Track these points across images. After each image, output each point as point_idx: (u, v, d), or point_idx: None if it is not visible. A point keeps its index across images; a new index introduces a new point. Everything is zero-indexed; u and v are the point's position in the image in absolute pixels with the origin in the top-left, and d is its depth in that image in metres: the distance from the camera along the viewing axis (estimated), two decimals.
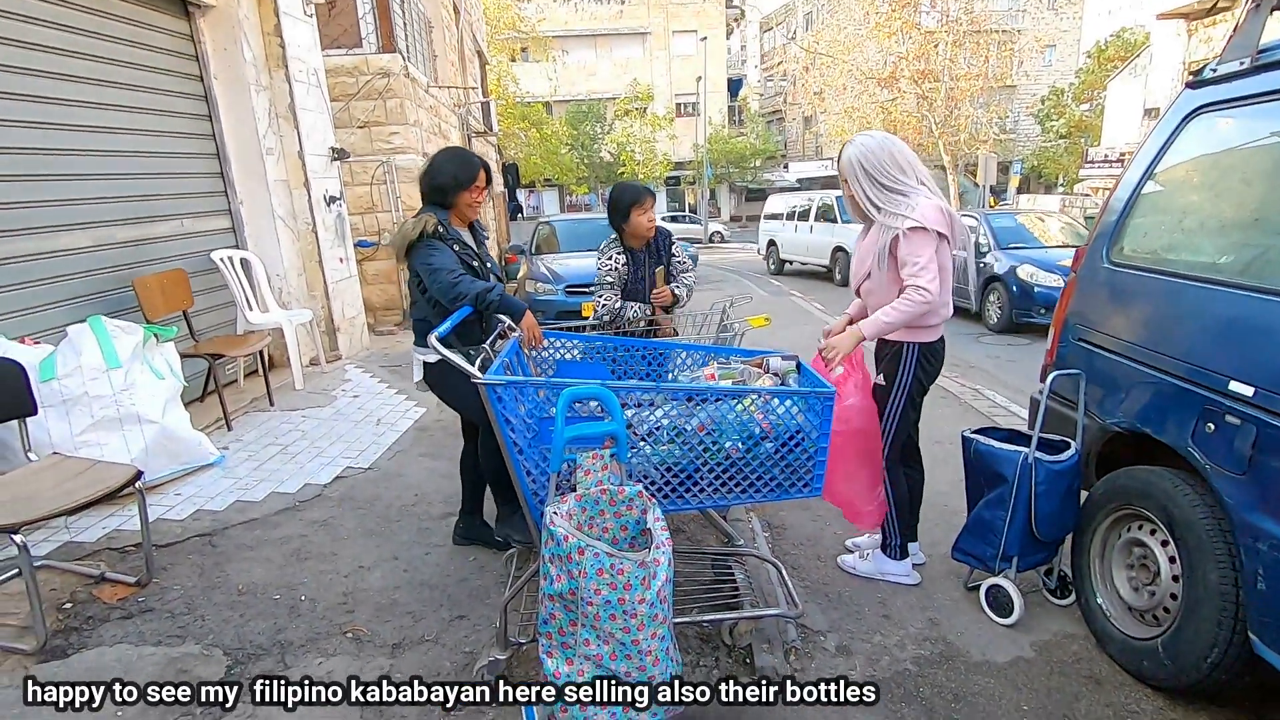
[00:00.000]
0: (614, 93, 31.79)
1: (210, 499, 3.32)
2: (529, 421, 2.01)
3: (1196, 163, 2.40)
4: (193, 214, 4.76)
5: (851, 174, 2.48)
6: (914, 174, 2.46)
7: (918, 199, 2.40)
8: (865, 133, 2.54)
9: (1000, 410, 5.07)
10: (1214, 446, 1.95)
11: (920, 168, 2.49)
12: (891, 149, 2.45)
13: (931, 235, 2.37)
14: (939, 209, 2.39)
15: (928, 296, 2.34)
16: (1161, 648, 2.07)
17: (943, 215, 2.40)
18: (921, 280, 2.34)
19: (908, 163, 2.46)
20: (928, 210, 2.37)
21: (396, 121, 7.83)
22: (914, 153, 2.51)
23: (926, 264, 2.35)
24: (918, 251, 2.36)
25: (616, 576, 1.63)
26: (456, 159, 2.68)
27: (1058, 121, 28.12)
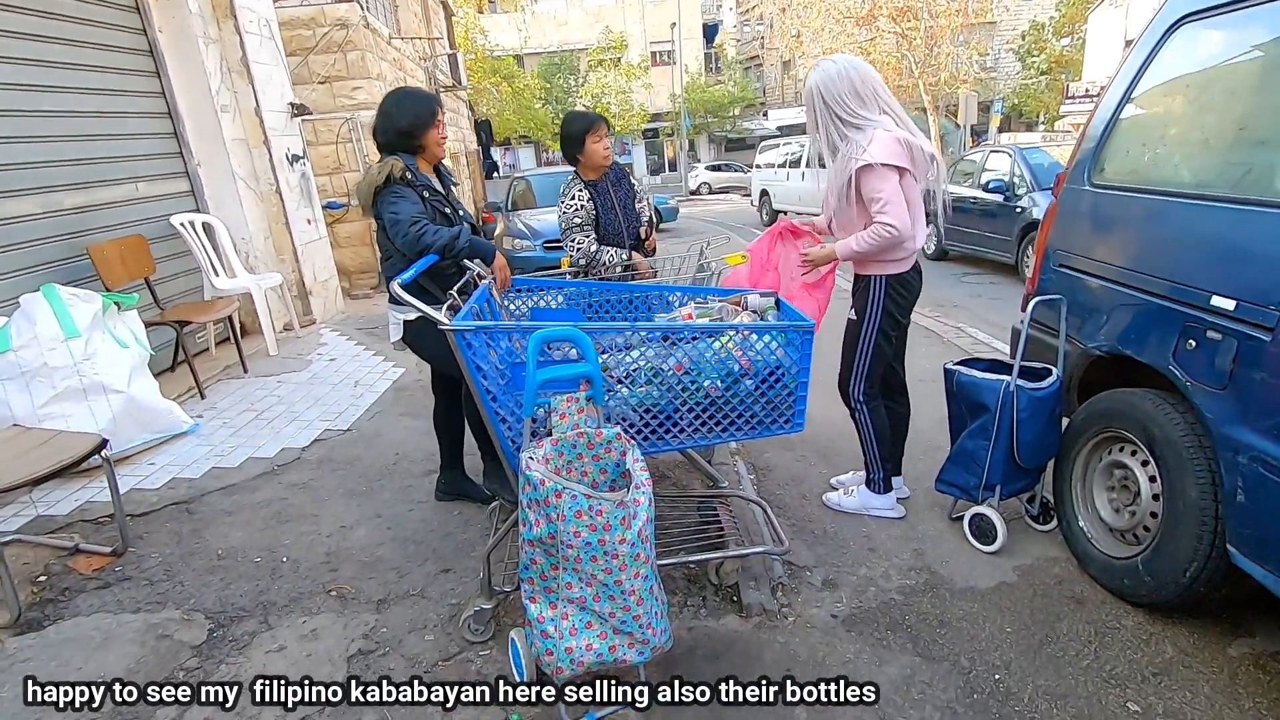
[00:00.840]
0: (587, 43, 30.81)
1: (185, 467, 3.25)
2: (501, 368, 1.95)
3: (1181, 75, 2.32)
4: (147, 177, 4.56)
5: (811, 103, 2.43)
6: (876, 104, 2.39)
7: (874, 132, 2.33)
8: (829, 57, 2.45)
9: (982, 347, 5.09)
10: (1195, 363, 1.94)
11: (885, 95, 2.42)
12: (852, 76, 2.36)
13: (889, 170, 2.32)
14: (895, 140, 2.34)
15: (894, 232, 2.34)
16: (1141, 565, 2.09)
17: (900, 147, 2.34)
18: (886, 216, 2.33)
19: (870, 92, 2.38)
20: (882, 146, 2.31)
21: (359, 75, 7.52)
22: (878, 77, 2.43)
23: (890, 198, 2.33)
24: (878, 188, 2.34)
25: (595, 518, 1.60)
26: (412, 97, 2.54)
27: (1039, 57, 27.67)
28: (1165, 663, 1.95)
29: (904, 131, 2.37)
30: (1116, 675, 1.92)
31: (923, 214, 2.49)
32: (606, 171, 3.10)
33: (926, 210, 2.51)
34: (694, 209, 20.81)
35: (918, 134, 2.42)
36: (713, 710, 1.84)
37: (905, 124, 2.41)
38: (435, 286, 2.36)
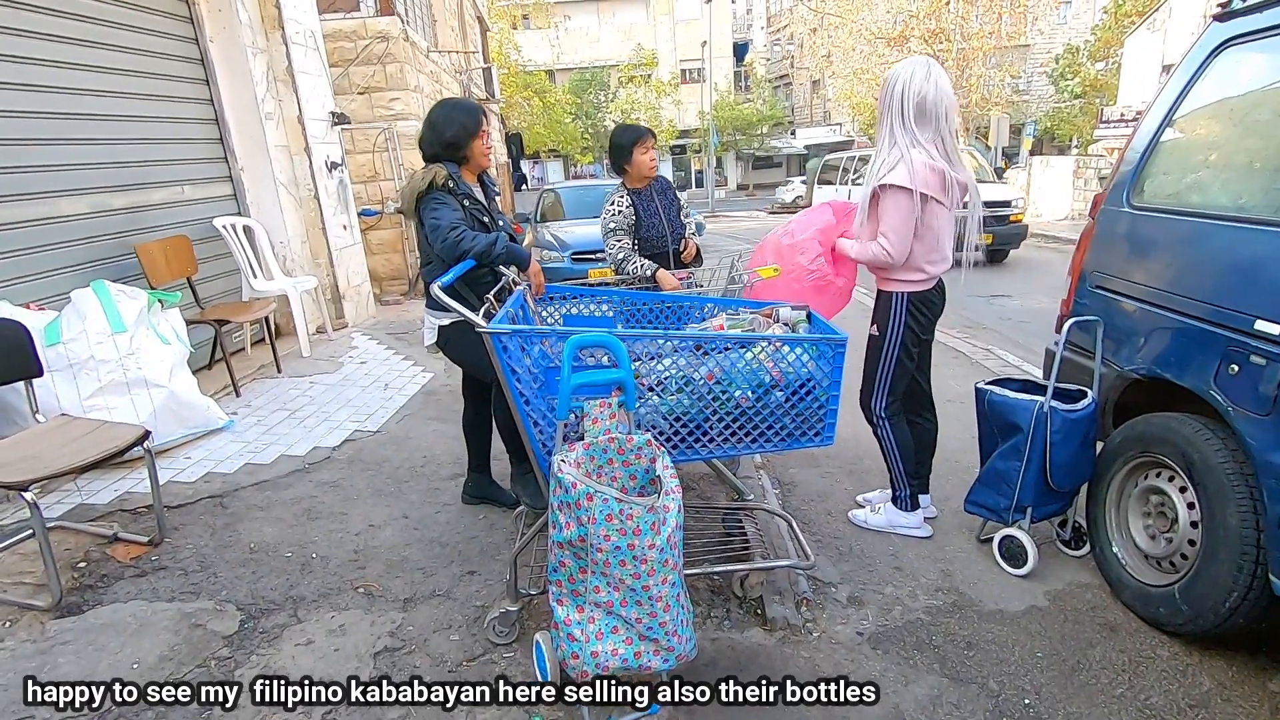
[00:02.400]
0: (617, 59, 31.21)
1: (220, 462, 3.33)
2: (535, 372, 1.98)
3: (1224, 98, 2.30)
4: (193, 180, 4.71)
5: (884, 95, 2.42)
6: (933, 127, 2.36)
7: (911, 154, 2.33)
8: (924, 59, 2.41)
9: (1012, 369, 5.01)
10: (1237, 388, 1.90)
11: (946, 124, 2.37)
12: (928, 92, 2.33)
13: (909, 195, 2.32)
14: (930, 168, 2.33)
15: (884, 257, 2.41)
16: (1178, 593, 2.04)
17: (931, 174, 2.34)
18: (885, 241, 2.39)
19: (934, 114, 2.35)
20: (917, 167, 2.30)
21: (397, 87, 7.70)
22: (954, 104, 2.40)
23: (896, 225, 2.37)
24: (890, 212, 2.37)
25: (626, 522, 1.61)
26: (460, 108, 2.60)
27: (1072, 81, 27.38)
28: (1203, 695, 1.90)
29: (939, 162, 2.35)
30: (1152, 706, 1.87)
31: (949, 241, 2.49)
32: (651, 181, 3.22)
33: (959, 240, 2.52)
34: (720, 225, 20.85)
35: (959, 167, 2.40)
36: (736, 717, 1.83)
37: (947, 153, 2.38)
38: (471, 293, 2.41)
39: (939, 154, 2.37)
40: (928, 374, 2.77)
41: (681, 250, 3.25)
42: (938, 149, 2.38)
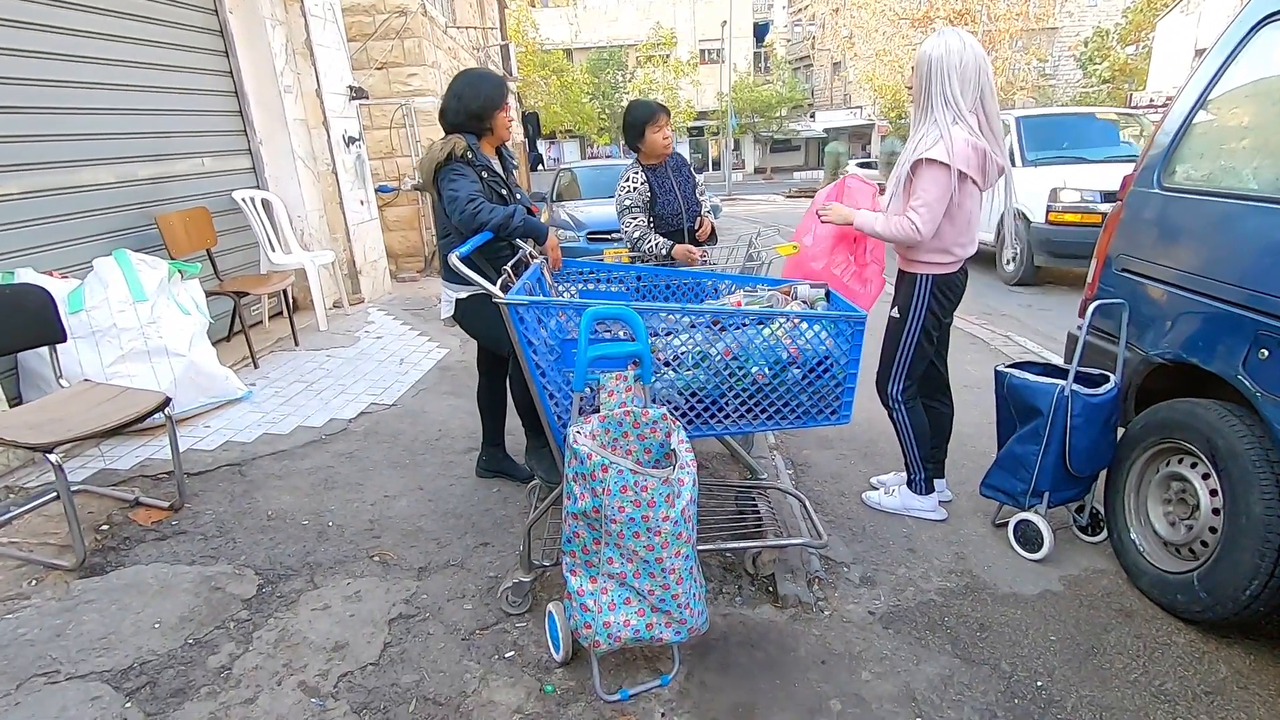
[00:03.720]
0: (636, 39, 30.85)
1: (239, 431, 3.37)
2: (551, 344, 1.98)
3: (1263, 77, 2.23)
4: (213, 153, 4.72)
5: (922, 69, 2.32)
6: (973, 98, 2.29)
7: (952, 130, 2.26)
8: (956, 30, 2.33)
9: (1030, 357, 4.94)
10: (1267, 373, 1.86)
11: (988, 94, 2.31)
12: (966, 59, 2.25)
13: (951, 172, 2.26)
14: (970, 145, 2.27)
15: (913, 234, 2.32)
16: (1197, 580, 2.02)
17: (973, 153, 2.28)
18: (915, 216, 2.31)
19: (974, 84, 2.28)
20: (957, 144, 2.25)
21: (415, 62, 7.66)
22: (990, 74, 2.33)
23: (929, 202, 2.29)
24: (927, 187, 2.29)
25: (640, 494, 1.61)
26: (484, 79, 2.58)
27: (1101, 65, 26.74)
28: (1219, 682, 1.88)
29: (980, 140, 2.29)
30: (1166, 691, 1.86)
31: (978, 225, 2.45)
32: (666, 159, 3.17)
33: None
34: (737, 208, 20.68)
35: (998, 145, 2.34)
36: (746, 691, 1.84)
37: (991, 131, 2.32)
38: (489, 266, 2.40)
39: (980, 129, 2.31)
40: (945, 358, 2.74)
41: (697, 229, 3.21)
42: (980, 122, 2.31)
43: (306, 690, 1.84)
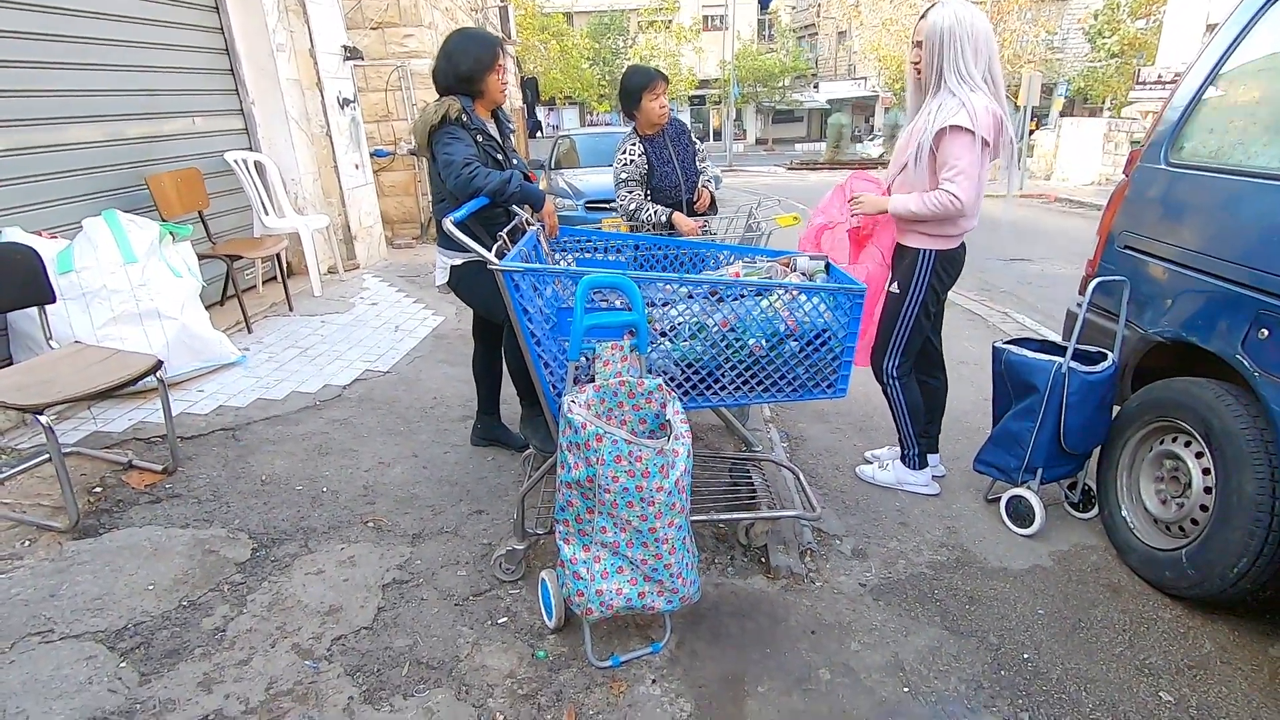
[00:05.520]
0: (638, 3, 30.17)
1: (233, 396, 3.35)
2: (546, 312, 1.96)
3: (1274, 54, 2.18)
4: (204, 112, 4.62)
5: (932, 41, 2.26)
6: (984, 66, 2.25)
7: (972, 96, 2.22)
8: (960, 2, 2.27)
9: (1029, 333, 4.94)
10: (1266, 353, 1.85)
11: (995, 63, 2.28)
12: (978, 28, 2.22)
13: (976, 139, 2.22)
14: (990, 113, 2.23)
15: (957, 204, 2.26)
16: (1185, 557, 2.03)
17: (994, 120, 2.25)
18: (955, 186, 2.25)
19: (986, 54, 2.25)
20: (979, 112, 2.20)
21: (411, 23, 7.47)
22: (996, 42, 2.30)
23: (965, 169, 2.24)
24: (959, 154, 2.24)
25: (635, 464, 1.61)
26: (475, 39, 2.51)
27: (1110, 39, 26.28)
28: (1202, 657, 1.91)
29: (996, 106, 2.26)
30: (1150, 665, 1.88)
31: (983, 196, 2.41)
32: (664, 128, 3.10)
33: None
34: (738, 179, 20.46)
35: (1006, 111, 2.30)
36: (736, 660, 1.86)
37: (999, 99, 2.29)
38: (484, 232, 2.36)
39: (991, 96, 2.27)
40: (939, 333, 2.72)
41: (695, 199, 3.16)
42: (989, 90, 2.27)
43: (300, 653, 1.85)
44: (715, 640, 1.94)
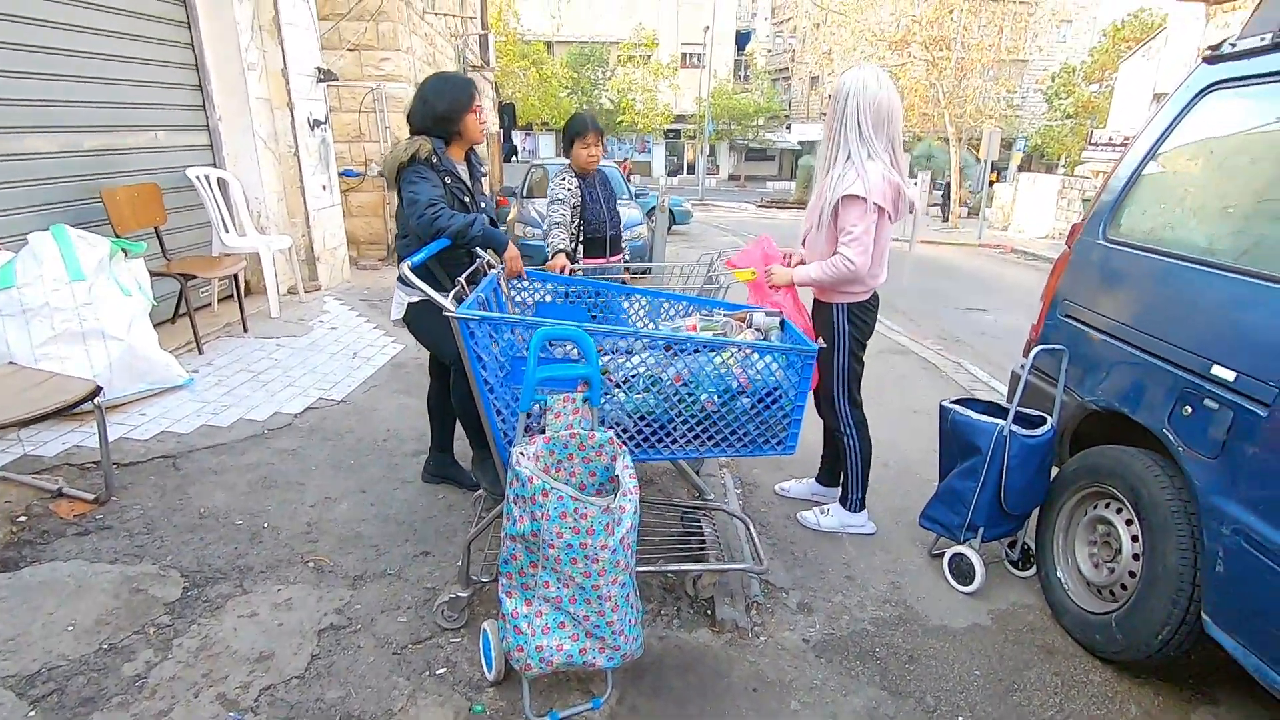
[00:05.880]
0: (618, 37, 30.76)
1: (176, 421, 3.25)
2: (501, 360, 1.96)
3: (1205, 141, 2.33)
4: (167, 127, 4.55)
5: (839, 101, 2.42)
6: (885, 136, 2.42)
7: (867, 165, 2.37)
8: (872, 68, 2.45)
9: (980, 385, 5.09)
10: (1189, 429, 1.94)
11: (897, 134, 2.45)
12: (880, 99, 2.38)
13: (870, 206, 2.36)
14: (887, 180, 2.39)
15: (851, 267, 2.40)
16: (1115, 622, 2.10)
17: (890, 187, 2.40)
18: (849, 250, 2.39)
19: (886, 123, 2.40)
20: (874, 180, 2.36)
21: (388, 47, 7.50)
22: (901, 114, 2.47)
23: (859, 235, 2.38)
24: (853, 220, 2.38)
25: (580, 521, 1.61)
26: (450, 82, 2.54)
27: (1066, 100, 27.71)
28: None
29: (894, 175, 2.42)
30: None
31: (886, 256, 2.57)
32: (595, 172, 3.47)
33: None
34: (709, 214, 20.80)
35: (906, 180, 2.48)
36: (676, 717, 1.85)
37: (899, 168, 2.45)
38: (444, 274, 2.36)
39: (891, 165, 2.42)
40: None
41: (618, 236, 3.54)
42: (891, 159, 2.43)
43: (225, 703, 1.78)
44: (656, 695, 1.93)
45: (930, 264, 11.60)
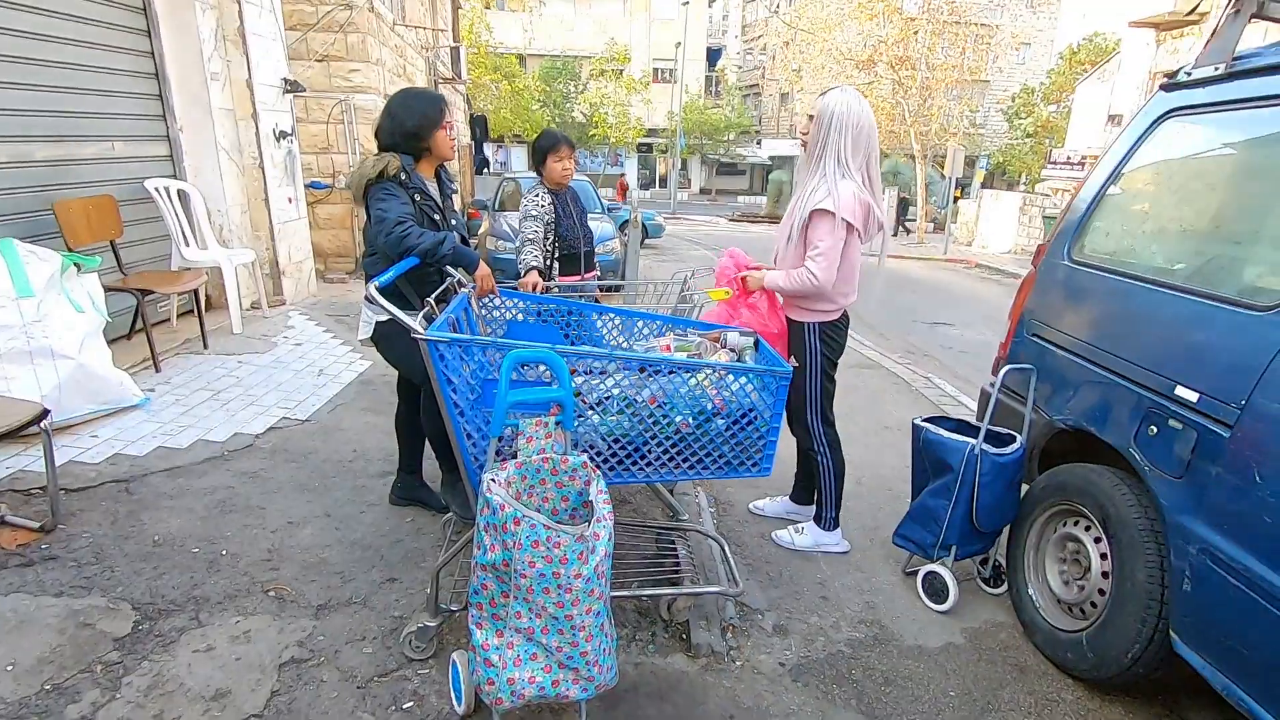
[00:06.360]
0: (590, 51, 30.91)
1: (130, 443, 3.12)
2: (472, 383, 1.91)
3: (1163, 166, 2.39)
4: (125, 137, 4.42)
5: (822, 121, 2.46)
6: (862, 157, 2.47)
7: (841, 184, 2.41)
8: (855, 92, 2.51)
9: (949, 400, 5.16)
10: (1155, 449, 1.98)
11: (873, 156, 2.50)
12: (863, 122, 2.45)
13: (838, 222, 2.40)
14: (858, 199, 2.43)
15: (814, 282, 2.44)
16: (1086, 640, 2.11)
17: (860, 206, 2.44)
18: (814, 265, 2.43)
19: (865, 146, 2.46)
20: (844, 198, 2.40)
21: (358, 58, 7.41)
22: (877, 137, 2.52)
23: (825, 251, 2.42)
24: (821, 236, 2.43)
25: (553, 550, 1.56)
26: (421, 98, 2.50)
27: (1026, 120, 28.56)
28: None
29: (866, 195, 2.47)
30: None
31: (857, 274, 2.61)
32: (567, 188, 3.43)
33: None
34: (681, 228, 20.93)
35: (878, 204, 2.52)
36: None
37: (873, 188, 2.50)
38: (414, 293, 2.31)
39: (865, 186, 2.47)
40: None
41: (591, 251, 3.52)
42: (864, 179, 2.48)
43: None
44: None
45: (898, 278, 11.80)
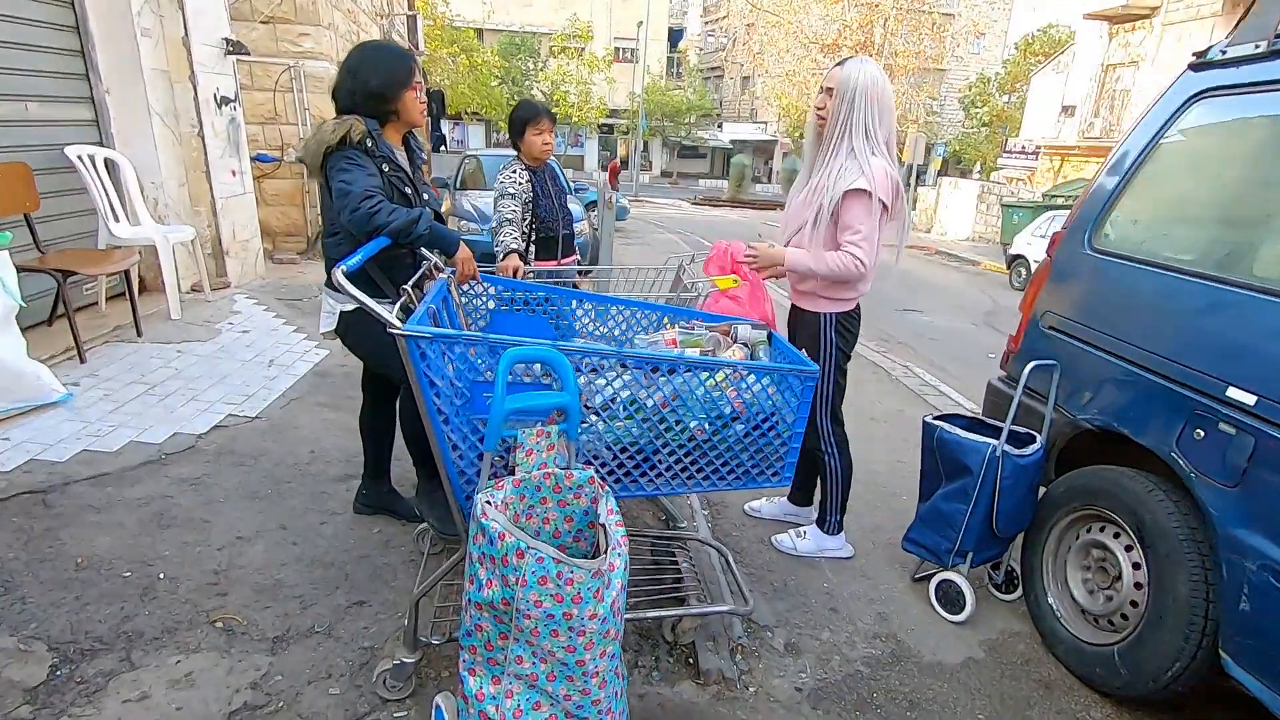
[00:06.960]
0: (551, 27, 30.12)
1: (49, 446, 2.74)
2: (458, 385, 1.64)
3: (1199, 149, 2.26)
4: (41, 97, 3.92)
5: (845, 94, 2.24)
6: (887, 130, 2.29)
7: (873, 160, 2.23)
8: (866, 59, 2.32)
9: (930, 389, 5.06)
10: (1201, 454, 1.84)
11: (893, 128, 2.32)
12: (887, 94, 2.27)
13: (875, 202, 2.22)
14: (889, 176, 2.25)
15: (860, 268, 2.26)
16: (1118, 655, 1.99)
17: (891, 184, 2.27)
18: (858, 250, 2.24)
19: (889, 119, 2.29)
20: (878, 175, 2.22)
21: (308, 21, 6.87)
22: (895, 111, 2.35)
23: (868, 234, 2.25)
24: (860, 218, 2.24)
25: (564, 587, 1.32)
26: (385, 52, 2.17)
27: (981, 109, 29.07)
28: None
29: (895, 171, 2.29)
30: None
31: (878, 259, 2.43)
32: (545, 165, 3.16)
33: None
34: (644, 210, 20.61)
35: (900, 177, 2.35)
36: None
37: (893, 163, 2.32)
38: (384, 278, 2.02)
39: (890, 162, 2.29)
40: None
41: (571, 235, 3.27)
42: (888, 153, 2.30)
43: None
44: None
45: None
